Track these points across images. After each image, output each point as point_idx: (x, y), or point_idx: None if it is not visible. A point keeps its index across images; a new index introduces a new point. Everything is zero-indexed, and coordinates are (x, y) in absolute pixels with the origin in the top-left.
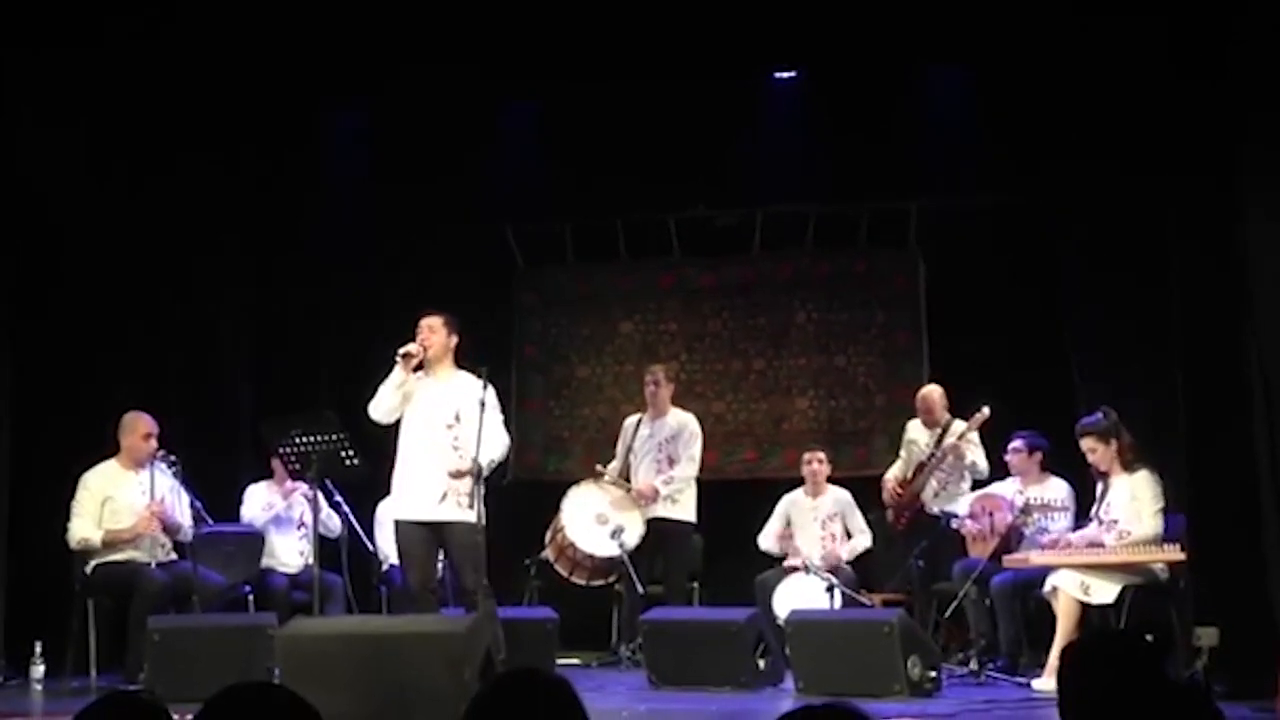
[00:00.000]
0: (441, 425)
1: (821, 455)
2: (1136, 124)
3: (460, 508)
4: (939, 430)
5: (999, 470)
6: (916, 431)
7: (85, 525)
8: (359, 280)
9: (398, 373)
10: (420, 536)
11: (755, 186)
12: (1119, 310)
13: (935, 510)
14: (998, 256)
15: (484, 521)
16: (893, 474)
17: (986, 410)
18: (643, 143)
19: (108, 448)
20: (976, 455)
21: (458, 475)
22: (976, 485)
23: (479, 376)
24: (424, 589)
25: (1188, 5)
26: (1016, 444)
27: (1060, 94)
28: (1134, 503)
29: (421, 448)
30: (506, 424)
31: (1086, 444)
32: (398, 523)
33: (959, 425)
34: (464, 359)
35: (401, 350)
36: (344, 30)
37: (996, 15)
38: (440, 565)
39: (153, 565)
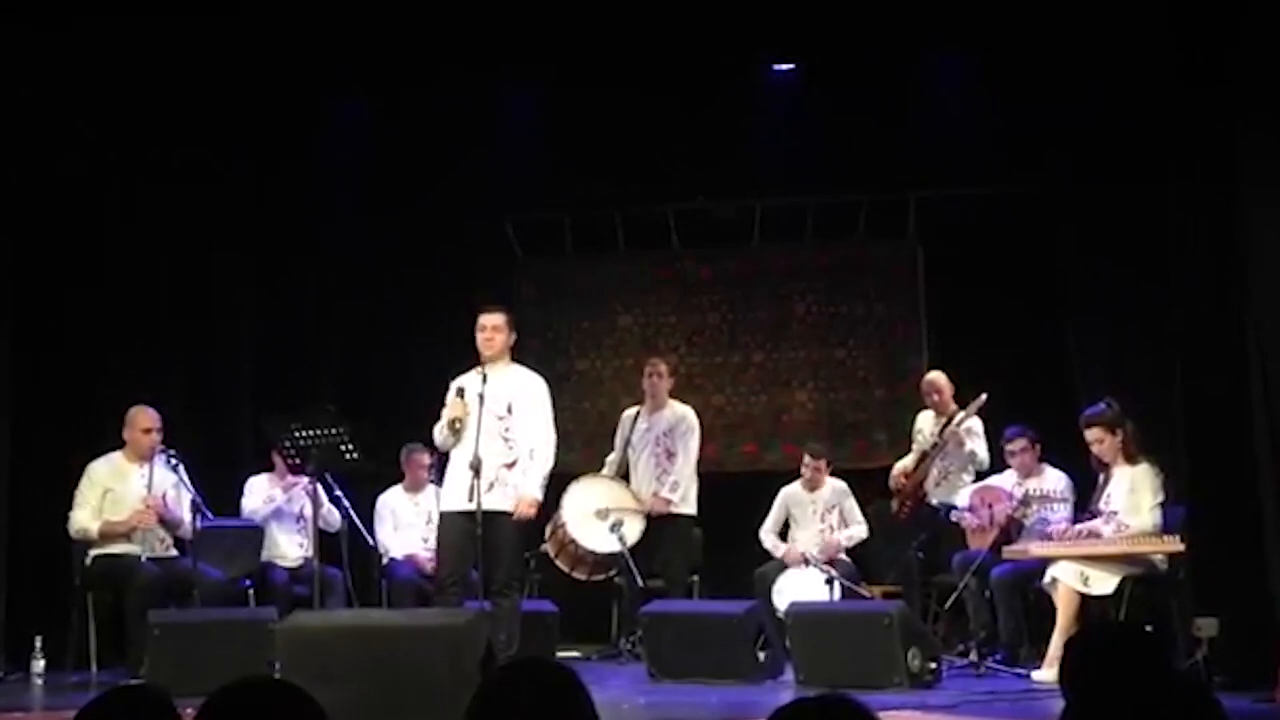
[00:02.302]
0: (493, 417)
1: (821, 464)
2: (1136, 115)
3: (505, 497)
4: (944, 419)
5: (1001, 461)
6: (924, 421)
7: (85, 515)
8: (359, 272)
9: (445, 434)
10: (462, 528)
11: (754, 178)
12: (1118, 301)
13: (935, 501)
14: (997, 247)
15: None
16: (901, 464)
17: (984, 396)
18: (641, 134)
19: (108, 443)
20: (977, 445)
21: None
22: (979, 476)
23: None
24: (451, 581)
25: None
26: (1021, 442)
27: (1060, 83)
28: (1133, 495)
29: (465, 444)
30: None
31: (1093, 434)
32: (442, 514)
33: (960, 415)
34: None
35: (447, 419)
36: (344, 24)
37: (995, 4)
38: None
39: (143, 559)
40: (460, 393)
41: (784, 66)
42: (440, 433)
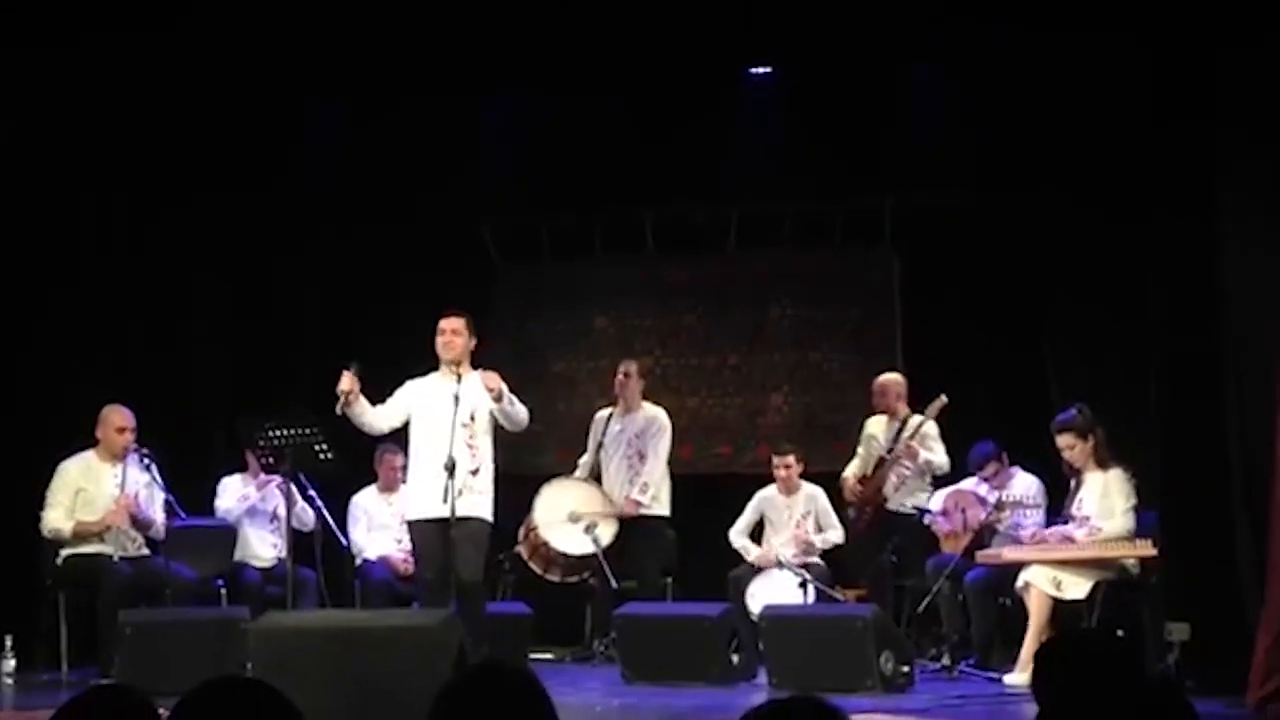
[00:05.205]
0: (457, 424)
1: (790, 460)
2: (1114, 121)
3: (473, 504)
4: (897, 424)
5: (964, 466)
6: (875, 427)
7: (57, 514)
8: (335, 275)
9: (342, 409)
10: (434, 533)
11: (731, 183)
12: (1094, 307)
13: (896, 506)
14: (973, 253)
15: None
16: (850, 472)
17: (944, 398)
18: (618, 139)
19: (78, 441)
20: (933, 454)
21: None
22: (938, 480)
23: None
24: (440, 584)
25: (1172, 12)
26: (993, 466)
27: (1037, 89)
28: (1105, 500)
29: (436, 447)
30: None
31: (1064, 440)
32: (411, 524)
33: (915, 420)
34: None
35: (340, 390)
36: (323, 30)
37: (971, 15)
38: None
39: (116, 559)
40: (355, 369)
41: (761, 70)
42: (360, 424)
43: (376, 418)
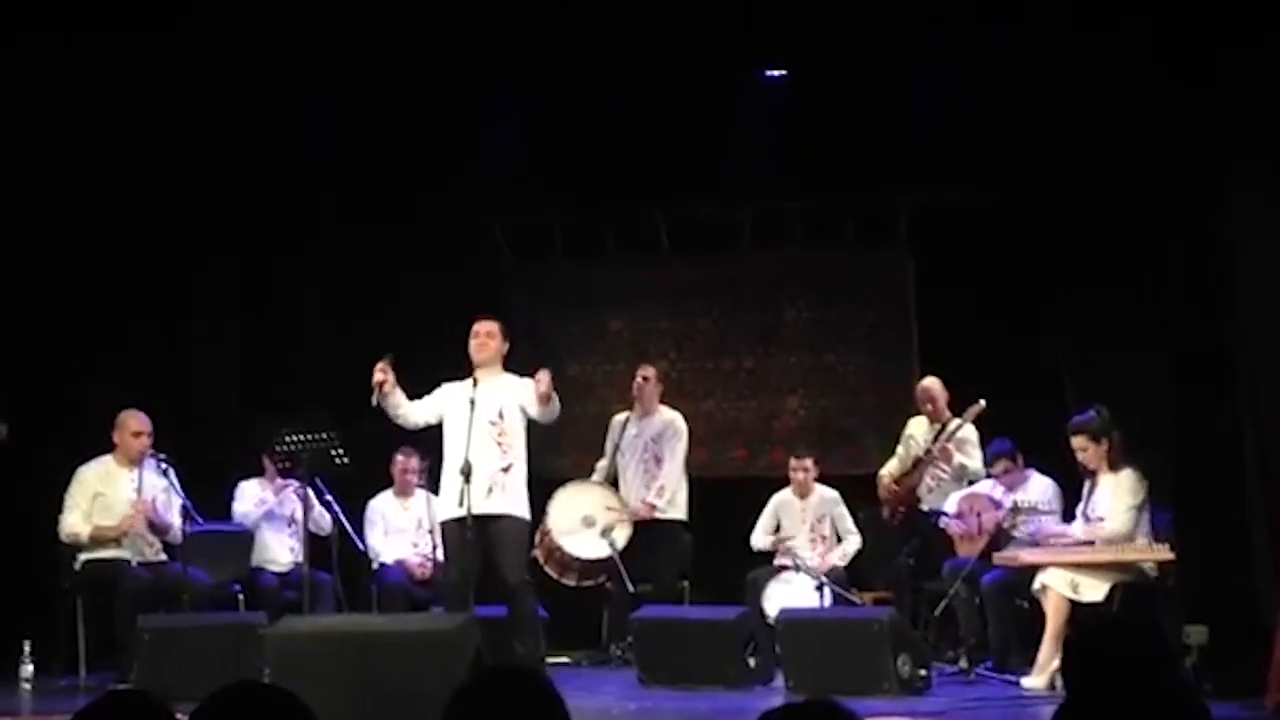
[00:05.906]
0: (485, 422)
1: (808, 463)
2: (1124, 121)
3: (506, 501)
4: (939, 426)
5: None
6: (916, 427)
7: (75, 519)
8: (347, 277)
9: (378, 400)
10: (460, 534)
11: (744, 183)
12: (1107, 307)
13: (928, 507)
14: (986, 253)
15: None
16: (888, 471)
17: (982, 402)
18: (631, 139)
19: (93, 445)
20: (969, 459)
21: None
22: (971, 485)
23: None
24: (462, 586)
25: (1175, 12)
26: (1004, 464)
27: (1048, 90)
28: (1114, 501)
29: (459, 449)
30: None
31: (1078, 442)
32: (443, 523)
33: (954, 423)
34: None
35: (375, 382)
36: (328, 29)
37: (984, 15)
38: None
39: (133, 563)
40: (388, 359)
41: (775, 73)
42: (397, 418)
43: (412, 410)
